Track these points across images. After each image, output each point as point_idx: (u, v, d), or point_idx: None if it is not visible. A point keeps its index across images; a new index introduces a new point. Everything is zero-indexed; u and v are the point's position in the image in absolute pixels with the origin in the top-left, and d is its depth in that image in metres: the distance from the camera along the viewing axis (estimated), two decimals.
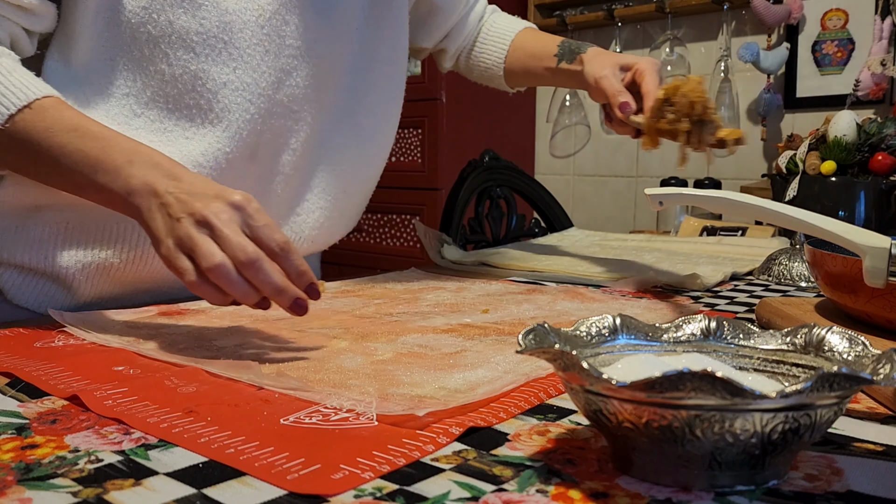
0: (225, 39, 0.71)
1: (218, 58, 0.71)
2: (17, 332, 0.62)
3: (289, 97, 0.77)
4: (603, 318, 0.41)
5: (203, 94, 0.72)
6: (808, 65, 2.13)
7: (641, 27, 2.43)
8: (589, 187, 2.62)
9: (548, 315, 0.70)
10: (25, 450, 0.36)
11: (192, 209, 0.54)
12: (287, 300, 0.53)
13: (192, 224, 0.54)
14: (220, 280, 0.52)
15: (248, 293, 0.53)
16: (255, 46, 0.73)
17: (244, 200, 0.55)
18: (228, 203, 0.54)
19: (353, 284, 0.88)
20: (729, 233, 1.39)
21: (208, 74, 0.71)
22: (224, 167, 0.73)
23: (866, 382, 0.29)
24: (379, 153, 0.93)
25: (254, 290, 0.53)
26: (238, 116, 0.73)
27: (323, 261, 1.06)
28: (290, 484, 0.32)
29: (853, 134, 1.11)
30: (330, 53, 0.81)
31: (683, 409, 0.29)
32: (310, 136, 0.82)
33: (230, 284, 0.52)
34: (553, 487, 0.32)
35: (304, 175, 0.83)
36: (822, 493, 0.32)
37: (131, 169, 0.58)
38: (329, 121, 0.84)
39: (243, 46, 0.72)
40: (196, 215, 0.54)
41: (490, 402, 0.43)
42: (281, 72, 0.76)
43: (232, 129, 0.73)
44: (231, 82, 0.72)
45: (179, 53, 0.70)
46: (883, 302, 0.54)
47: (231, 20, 0.71)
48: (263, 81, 0.74)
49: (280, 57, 0.76)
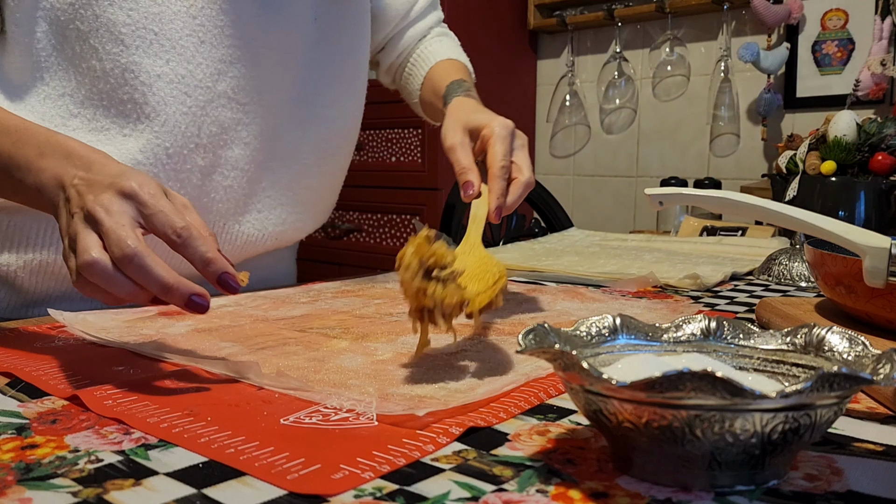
0: (155, 30, 0.70)
1: (149, 49, 0.70)
2: (17, 332, 0.62)
3: (233, 89, 0.76)
4: (603, 318, 0.41)
5: (137, 88, 0.70)
6: (808, 65, 2.13)
7: (641, 27, 2.43)
8: (589, 187, 2.62)
9: (548, 315, 0.70)
10: (25, 450, 0.36)
11: (84, 203, 0.49)
12: (179, 298, 0.46)
13: (81, 219, 0.48)
14: (95, 278, 0.46)
15: (133, 291, 0.47)
16: (189, 37, 0.72)
17: (137, 186, 0.48)
18: (118, 192, 0.48)
19: (353, 284, 0.88)
20: (729, 233, 1.39)
21: (140, 67, 0.70)
22: (165, 162, 0.72)
23: (866, 382, 0.29)
24: (342, 146, 0.91)
25: (138, 288, 0.47)
26: (175, 109, 0.72)
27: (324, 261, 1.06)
28: (290, 484, 0.32)
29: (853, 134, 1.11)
30: (280, 44, 0.79)
31: (683, 409, 0.29)
32: (263, 128, 0.80)
33: (108, 282, 0.46)
34: (553, 487, 0.32)
35: (261, 169, 0.82)
36: (822, 493, 0.32)
37: (41, 162, 0.53)
38: (285, 114, 0.83)
39: (175, 38, 0.71)
40: (85, 208, 0.48)
41: (490, 402, 0.43)
42: (220, 62, 0.75)
43: (170, 123, 0.72)
44: (165, 74, 0.71)
45: (109, 47, 0.68)
46: (883, 302, 0.54)
47: (161, 10, 0.70)
48: (200, 73, 0.73)
49: (218, 47, 0.74)
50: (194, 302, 0.46)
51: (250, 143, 0.79)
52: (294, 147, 0.85)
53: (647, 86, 2.43)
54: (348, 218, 2.52)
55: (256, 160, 0.81)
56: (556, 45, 2.64)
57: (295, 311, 0.71)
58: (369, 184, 2.43)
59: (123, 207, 0.48)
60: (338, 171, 0.93)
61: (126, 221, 0.47)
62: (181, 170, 0.74)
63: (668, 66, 2.34)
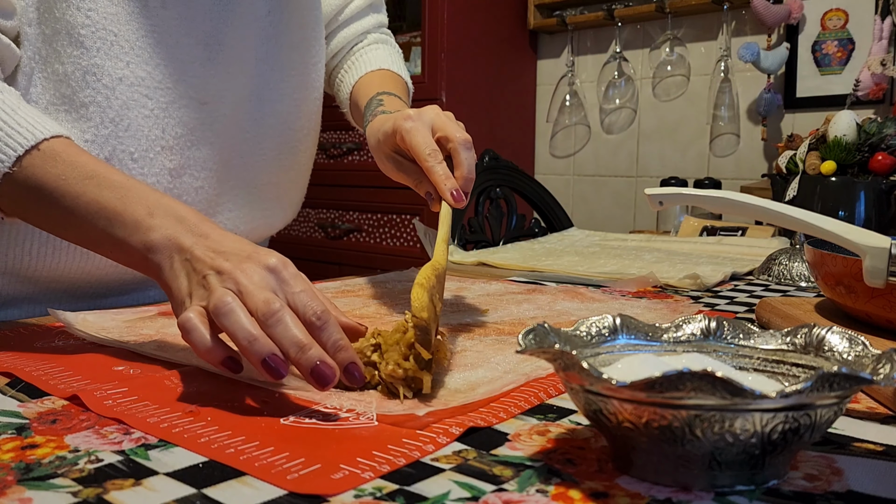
0: (115, 32, 0.69)
1: (110, 51, 0.69)
2: (18, 331, 0.62)
3: (195, 88, 0.75)
4: (603, 318, 0.41)
5: (100, 91, 0.69)
6: (808, 65, 2.13)
7: (641, 27, 2.43)
8: (589, 187, 2.62)
9: (548, 315, 0.70)
10: (25, 450, 0.36)
11: (221, 267, 0.48)
12: (309, 360, 0.43)
13: (217, 280, 0.47)
14: (221, 319, 0.44)
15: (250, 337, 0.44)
16: (146, 38, 0.71)
17: (280, 264, 0.48)
18: (263, 266, 0.48)
19: (353, 284, 0.88)
20: (729, 233, 1.39)
21: (102, 70, 0.69)
22: (131, 167, 0.72)
23: (866, 382, 0.29)
24: (302, 139, 0.90)
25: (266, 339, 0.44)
26: (137, 113, 0.71)
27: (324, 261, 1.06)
28: (290, 484, 0.32)
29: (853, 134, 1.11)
30: (234, 40, 0.78)
31: (683, 409, 0.29)
32: (226, 126, 0.80)
33: (230, 325, 0.44)
34: (553, 487, 0.32)
35: (227, 168, 0.81)
36: (822, 493, 0.32)
37: (152, 221, 0.51)
38: (245, 110, 0.82)
39: (133, 39, 0.70)
40: (224, 273, 0.47)
41: (490, 402, 0.43)
42: (180, 62, 0.74)
43: (133, 127, 0.71)
44: (126, 77, 0.70)
45: (70, 50, 0.67)
46: (883, 302, 0.54)
47: (117, 11, 0.69)
48: (159, 73, 0.72)
49: (176, 47, 0.73)
50: (320, 370, 0.43)
51: (215, 142, 0.79)
52: (254, 144, 0.84)
53: (647, 86, 2.43)
54: (348, 218, 2.52)
55: (223, 159, 0.80)
56: (556, 45, 2.64)
57: None
58: (369, 184, 2.43)
59: (266, 279, 0.47)
60: (300, 165, 0.91)
61: (268, 289, 0.46)
62: (149, 173, 0.73)
63: (668, 66, 2.34)
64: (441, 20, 2.23)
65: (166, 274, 0.50)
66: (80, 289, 0.77)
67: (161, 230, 0.51)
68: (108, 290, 0.79)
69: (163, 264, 0.50)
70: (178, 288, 0.49)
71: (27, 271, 0.73)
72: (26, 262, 0.72)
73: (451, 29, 2.25)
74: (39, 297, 0.76)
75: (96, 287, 0.78)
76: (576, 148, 2.63)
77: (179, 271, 0.49)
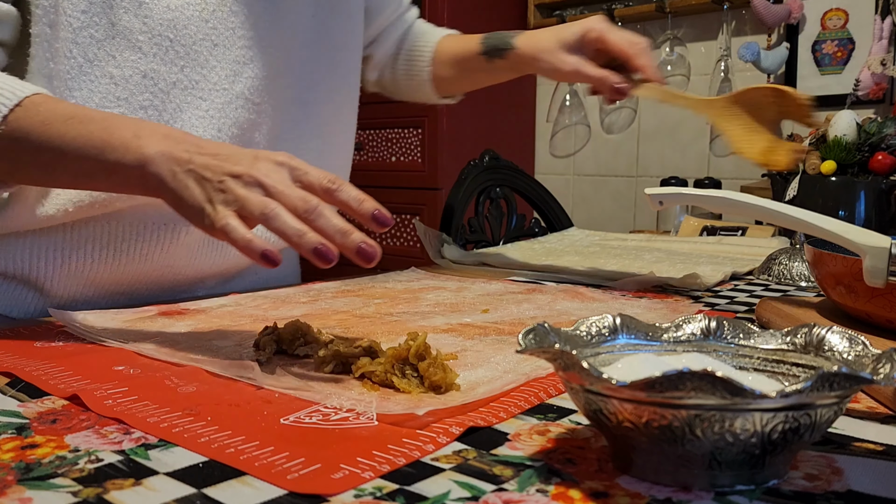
0: (170, 37, 0.70)
1: (165, 56, 0.70)
2: (18, 331, 0.62)
3: (249, 89, 0.77)
4: (603, 318, 0.41)
5: (156, 94, 0.71)
6: (808, 65, 2.13)
7: (641, 27, 2.43)
8: (589, 187, 2.62)
9: (548, 315, 0.70)
10: (25, 449, 0.36)
11: (236, 171, 0.51)
12: (353, 242, 0.49)
13: (240, 185, 0.51)
14: (270, 222, 0.49)
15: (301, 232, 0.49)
16: (202, 41, 0.72)
17: (286, 157, 0.53)
18: (274, 162, 0.52)
19: (353, 284, 0.87)
20: (729, 233, 1.39)
21: (158, 74, 0.70)
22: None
23: (866, 382, 0.29)
24: (342, 143, 0.92)
25: (313, 231, 0.49)
26: (191, 114, 0.73)
27: None
28: (290, 483, 0.32)
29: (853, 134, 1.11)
30: (284, 41, 0.80)
31: (683, 409, 0.29)
32: (271, 128, 0.81)
33: (282, 226, 0.49)
34: (553, 487, 0.32)
35: None
36: (822, 493, 0.32)
37: (140, 141, 0.54)
38: (288, 111, 0.83)
39: (189, 43, 0.71)
40: (244, 177, 0.51)
41: (490, 401, 0.43)
42: (235, 63, 0.75)
43: (187, 128, 0.72)
44: (180, 81, 0.71)
45: (127, 54, 0.69)
46: (883, 301, 0.54)
47: (174, 17, 0.70)
48: (214, 76, 0.74)
49: (232, 49, 0.75)
50: (363, 249, 0.49)
51: (261, 143, 0.80)
52: (296, 145, 0.85)
53: None
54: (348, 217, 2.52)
55: None
56: None
57: (295, 311, 0.71)
58: (369, 184, 2.43)
59: (283, 174, 0.52)
60: (340, 167, 0.93)
61: (291, 183, 0.52)
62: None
63: (668, 65, 2.34)
64: (441, 20, 2.23)
65: (170, 184, 0.53)
66: (137, 290, 0.79)
67: (152, 146, 0.54)
68: (162, 291, 0.81)
69: (163, 175, 0.53)
70: (190, 196, 0.52)
71: (89, 274, 0.74)
72: (88, 265, 0.74)
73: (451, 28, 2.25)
74: (97, 299, 0.77)
75: (151, 287, 0.80)
76: (576, 148, 2.63)
77: (186, 179, 0.52)
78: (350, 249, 0.49)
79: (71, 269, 0.73)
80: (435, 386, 0.45)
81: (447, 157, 2.35)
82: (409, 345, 0.46)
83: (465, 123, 2.38)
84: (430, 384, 0.45)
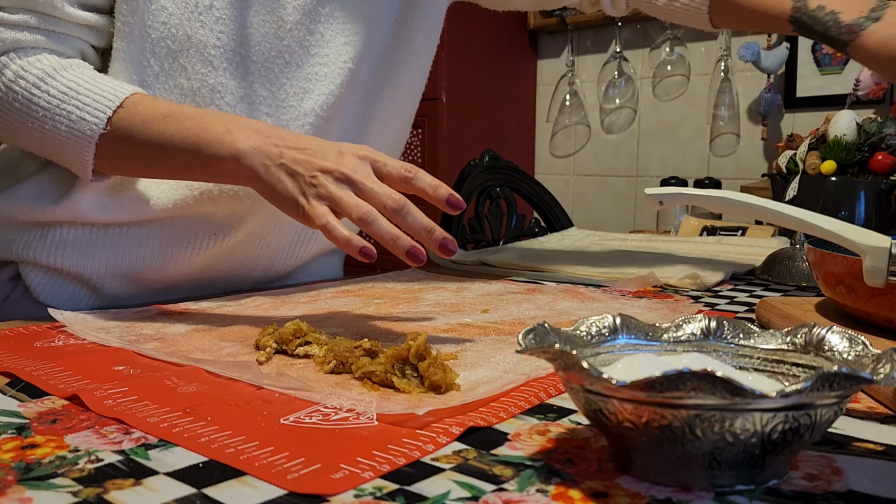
0: (242, 53, 0.72)
1: (236, 71, 0.72)
2: (17, 331, 0.62)
3: (320, 106, 0.77)
4: (603, 318, 0.41)
5: (222, 108, 0.72)
6: (808, 64, 2.13)
7: (641, 27, 2.43)
8: (589, 187, 2.62)
9: (548, 315, 0.70)
10: (25, 449, 0.36)
11: (325, 166, 0.56)
12: (437, 238, 0.55)
13: (331, 181, 0.55)
14: (368, 227, 0.54)
15: (395, 237, 0.54)
16: (275, 59, 0.73)
17: (367, 150, 0.57)
18: (357, 156, 0.57)
19: (353, 284, 0.88)
20: (729, 233, 1.39)
21: (227, 88, 0.71)
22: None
23: (866, 382, 0.29)
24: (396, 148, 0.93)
25: (404, 235, 0.55)
26: None
27: None
28: (290, 483, 0.32)
29: (853, 134, 1.11)
30: (358, 52, 0.80)
31: (683, 409, 0.29)
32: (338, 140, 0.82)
33: (379, 230, 0.54)
34: (553, 487, 0.32)
35: None
36: (822, 493, 0.32)
37: (233, 136, 0.59)
38: (354, 116, 0.84)
39: (261, 59, 0.73)
40: (334, 173, 0.56)
41: (490, 401, 0.43)
42: (306, 81, 0.76)
43: None
44: (248, 96, 0.72)
45: (198, 67, 0.70)
46: (883, 301, 0.54)
47: (249, 33, 0.72)
48: (283, 93, 0.75)
49: (304, 67, 0.76)
50: (445, 244, 0.55)
51: None
52: None
53: (647, 85, 2.43)
54: None
55: None
56: (556, 45, 2.64)
57: (295, 311, 0.71)
58: None
59: (367, 168, 0.56)
60: None
61: (373, 180, 0.56)
62: None
63: (668, 65, 2.34)
64: None
65: (263, 176, 0.58)
66: (179, 288, 0.81)
67: (245, 140, 0.59)
68: (203, 286, 0.83)
69: (256, 168, 0.58)
70: (283, 188, 0.57)
71: (136, 274, 0.76)
72: (137, 266, 0.76)
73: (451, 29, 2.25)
74: (142, 296, 0.79)
75: (192, 285, 0.82)
76: (576, 148, 2.63)
77: (278, 173, 0.57)
78: (433, 244, 0.54)
79: (123, 271, 0.75)
80: (435, 386, 0.45)
81: (447, 157, 2.35)
82: (409, 345, 0.46)
83: (465, 123, 2.38)
84: (430, 384, 0.45)
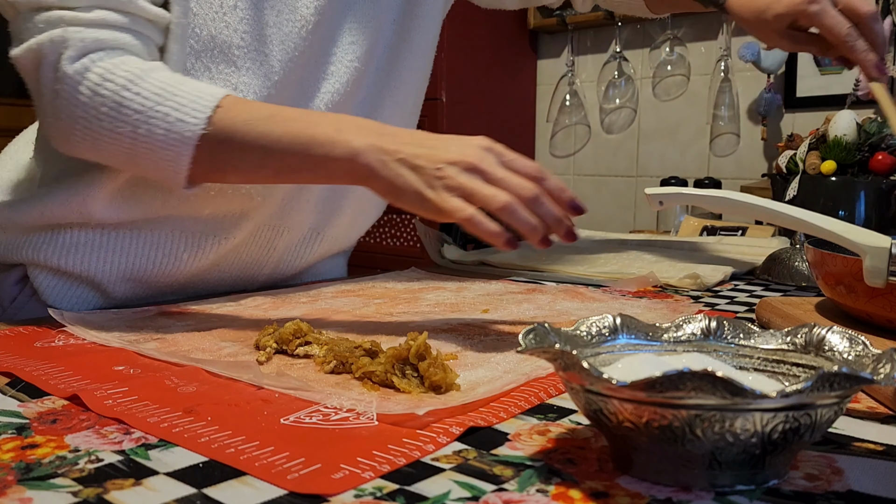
0: (265, 52, 0.71)
1: (259, 71, 0.72)
2: (17, 331, 0.62)
3: (326, 104, 0.78)
4: (603, 318, 0.41)
5: None
6: (808, 65, 2.13)
7: (641, 27, 2.43)
8: (589, 187, 2.62)
9: (548, 315, 0.70)
10: (26, 449, 0.36)
11: (450, 158, 0.55)
12: (564, 229, 0.55)
13: (460, 172, 0.55)
14: (510, 217, 0.54)
15: (535, 227, 0.54)
16: (296, 59, 0.73)
17: (489, 141, 0.57)
18: (483, 148, 0.56)
19: (353, 284, 0.88)
20: (729, 233, 1.39)
21: (249, 87, 0.71)
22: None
23: (866, 382, 0.29)
24: None
25: (540, 224, 0.54)
26: None
27: None
28: (290, 483, 0.32)
29: (853, 134, 1.11)
30: (365, 53, 0.80)
31: (683, 409, 0.29)
32: None
33: (520, 221, 0.54)
34: (553, 487, 0.32)
35: None
36: (822, 493, 0.32)
37: (345, 136, 0.58)
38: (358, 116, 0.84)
39: (284, 60, 0.73)
40: (460, 163, 0.55)
41: (490, 401, 0.43)
42: (316, 80, 0.76)
43: None
44: (271, 96, 0.72)
45: (221, 67, 0.70)
46: (883, 301, 0.54)
47: (271, 34, 0.72)
48: (297, 91, 0.75)
49: (319, 65, 0.76)
50: (571, 232, 0.56)
51: None
52: None
53: (647, 85, 2.43)
54: None
55: None
56: (556, 45, 2.64)
57: (295, 311, 0.71)
58: None
59: (493, 159, 0.56)
60: None
61: (504, 169, 0.55)
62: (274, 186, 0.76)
63: (668, 65, 2.34)
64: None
65: (382, 172, 0.56)
66: (186, 291, 0.81)
67: (358, 139, 0.58)
68: (209, 288, 0.83)
69: (373, 165, 0.57)
70: (405, 183, 0.56)
71: (147, 277, 0.76)
72: (148, 269, 0.76)
73: (451, 28, 2.25)
74: (150, 298, 0.79)
75: (199, 287, 0.82)
76: (576, 148, 2.63)
77: (398, 168, 0.56)
78: (561, 232, 0.55)
79: (132, 273, 0.75)
80: (435, 386, 0.45)
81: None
82: (409, 345, 0.46)
83: (465, 123, 2.38)
84: (431, 384, 0.45)
